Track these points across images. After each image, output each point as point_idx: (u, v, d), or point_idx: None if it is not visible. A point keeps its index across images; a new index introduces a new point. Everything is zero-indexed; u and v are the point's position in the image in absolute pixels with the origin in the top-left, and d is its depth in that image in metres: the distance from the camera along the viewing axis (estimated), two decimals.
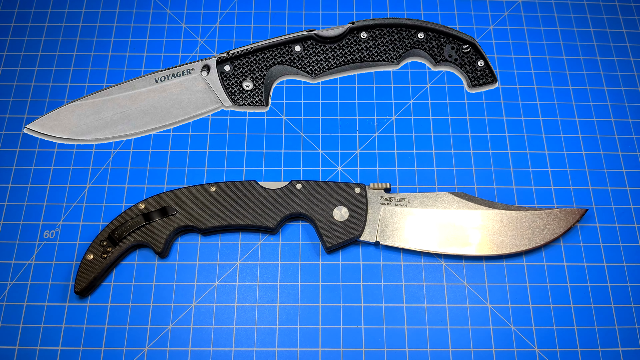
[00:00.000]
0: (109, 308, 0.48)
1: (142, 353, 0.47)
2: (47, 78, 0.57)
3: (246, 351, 0.47)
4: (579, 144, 0.54)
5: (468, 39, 0.53)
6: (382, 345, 0.47)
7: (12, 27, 0.60)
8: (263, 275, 0.49)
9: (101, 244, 0.48)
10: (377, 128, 0.55)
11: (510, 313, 0.48)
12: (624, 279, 0.49)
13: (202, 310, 0.48)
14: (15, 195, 0.52)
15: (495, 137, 0.55)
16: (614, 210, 0.52)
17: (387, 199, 0.50)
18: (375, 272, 0.49)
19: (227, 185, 0.50)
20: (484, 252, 0.48)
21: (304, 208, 0.49)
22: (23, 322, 0.48)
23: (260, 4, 0.61)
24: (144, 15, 0.61)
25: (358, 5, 0.61)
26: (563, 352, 0.46)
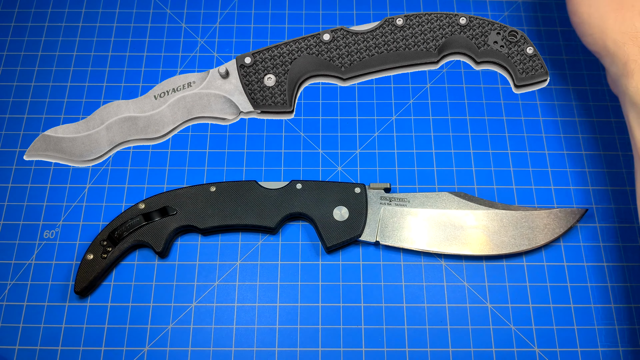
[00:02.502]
0: (109, 308, 0.48)
1: (142, 353, 0.47)
2: (47, 78, 0.57)
3: (246, 351, 0.47)
4: (579, 144, 0.54)
5: (514, 30, 0.49)
6: (382, 345, 0.47)
7: (12, 27, 0.60)
8: (263, 275, 0.49)
9: (101, 244, 0.48)
10: (377, 128, 0.55)
11: (510, 313, 0.48)
12: (624, 279, 0.49)
13: (202, 310, 0.48)
14: (15, 195, 0.52)
15: (495, 137, 0.55)
16: (614, 210, 0.52)
17: (387, 199, 0.50)
18: (375, 272, 0.49)
19: (227, 185, 0.50)
20: (484, 252, 0.48)
21: (304, 208, 0.49)
22: (23, 322, 0.48)
23: (260, 4, 0.61)
24: (144, 15, 0.61)
25: (358, 5, 0.61)
26: (563, 352, 0.47)
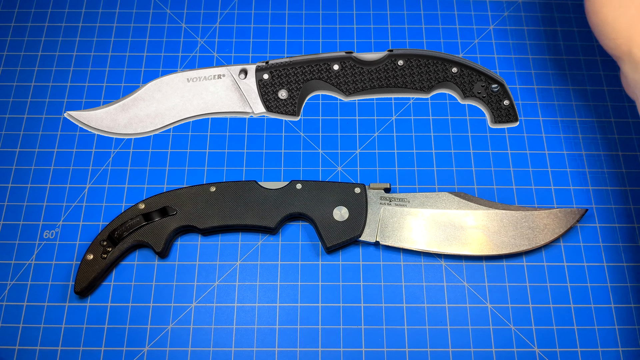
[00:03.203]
0: (109, 308, 0.48)
1: (142, 353, 0.47)
2: (47, 78, 0.57)
3: (246, 351, 0.47)
4: (579, 144, 0.54)
5: (498, 80, 0.55)
6: (382, 345, 0.47)
7: (12, 27, 0.60)
8: (263, 275, 0.49)
9: (101, 244, 0.48)
10: (377, 128, 0.55)
11: (510, 313, 0.48)
12: (624, 279, 0.49)
13: (202, 310, 0.48)
14: (15, 195, 0.52)
15: (495, 137, 0.55)
16: (614, 210, 0.52)
17: (387, 199, 0.50)
18: (375, 272, 0.49)
19: (227, 185, 0.50)
20: (484, 252, 0.48)
21: (304, 208, 0.49)
22: (23, 322, 0.48)
23: (260, 4, 0.61)
24: (144, 15, 0.61)
25: (358, 5, 0.61)
26: (563, 352, 0.46)
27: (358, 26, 0.60)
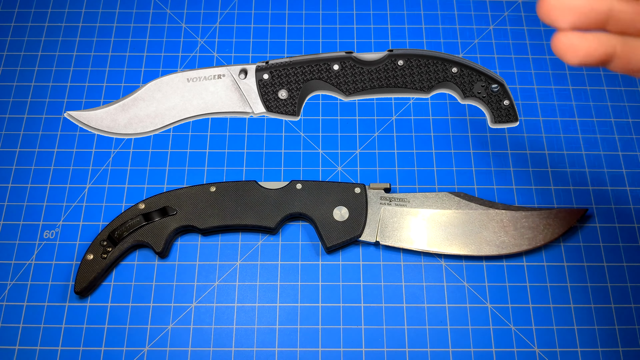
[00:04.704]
0: (109, 308, 0.48)
1: (142, 353, 0.47)
2: (47, 78, 0.57)
3: (246, 351, 0.47)
4: (579, 144, 0.54)
5: (498, 80, 0.55)
6: (382, 345, 0.47)
7: (12, 27, 0.60)
8: (263, 275, 0.49)
9: (101, 244, 0.48)
10: (377, 128, 0.55)
11: (510, 313, 0.48)
12: (624, 279, 0.49)
13: (202, 310, 0.48)
14: (15, 195, 0.52)
15: (495, 137, 0.55)
16: (614, 210, 0.52)
17: (387, 199, 0.50)
18: (375, 272, 0.49)
19: (227, 185, 0.50)
20: (484, 252, 0.48)
21: (304, 208, 0.49)
22: (23, 322, 0.48)
23: (260, 4, 0.61)
24: (144, 15, 0.61)
25: (358, 5, 0.61)
26: (563, 352, 0.46)
27: (358, 26, 0.60)
